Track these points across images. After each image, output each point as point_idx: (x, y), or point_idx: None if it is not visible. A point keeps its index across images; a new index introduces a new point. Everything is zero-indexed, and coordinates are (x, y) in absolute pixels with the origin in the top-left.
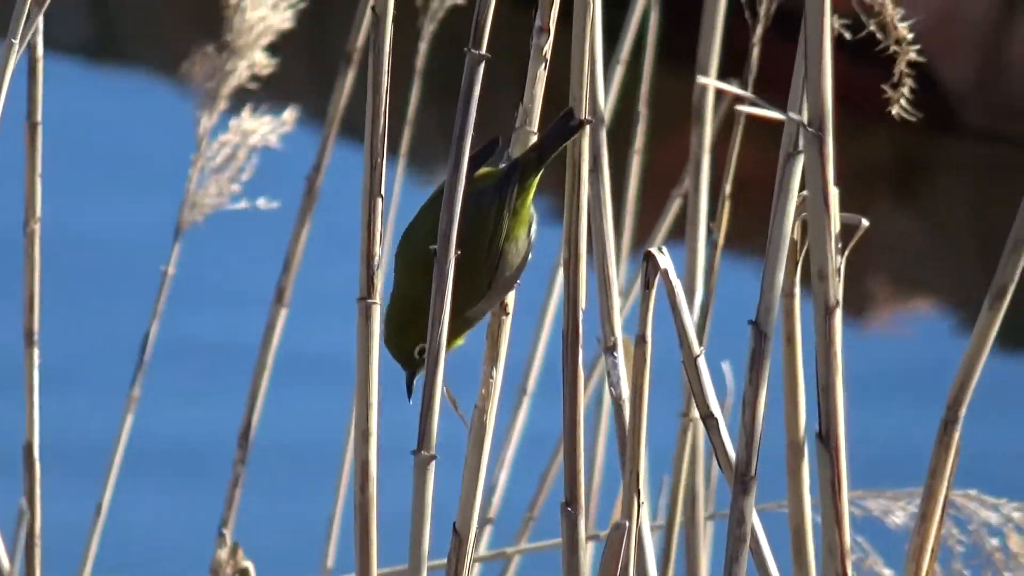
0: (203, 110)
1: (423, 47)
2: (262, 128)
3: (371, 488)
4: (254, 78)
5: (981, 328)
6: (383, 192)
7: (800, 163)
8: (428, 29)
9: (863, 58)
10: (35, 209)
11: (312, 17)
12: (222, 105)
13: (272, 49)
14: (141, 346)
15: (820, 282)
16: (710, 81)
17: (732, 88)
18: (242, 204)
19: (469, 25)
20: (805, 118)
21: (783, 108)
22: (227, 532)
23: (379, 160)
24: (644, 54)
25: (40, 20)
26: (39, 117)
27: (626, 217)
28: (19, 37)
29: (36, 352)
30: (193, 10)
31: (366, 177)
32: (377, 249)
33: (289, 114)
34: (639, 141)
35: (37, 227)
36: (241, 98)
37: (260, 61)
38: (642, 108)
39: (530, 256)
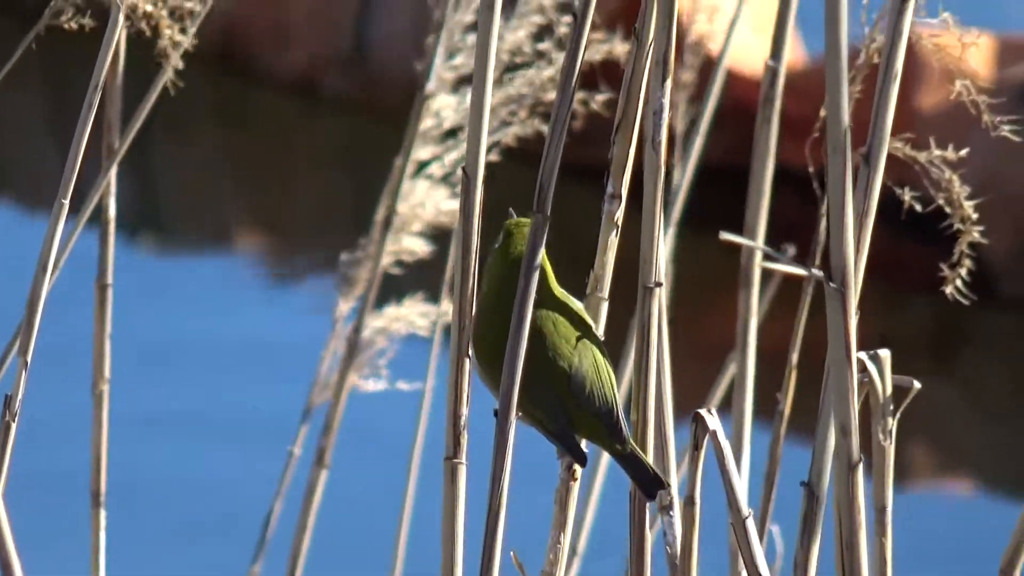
0: (341, 294)
1: None
2: (412, 315)
3: None
4: (399, 264)
5: None
6: (471, 353)
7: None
8: None
9: (904, 229)
10: (103, 371)
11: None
12: (360, 289)
13: (435, 237)
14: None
15: (843, 438)
16: (740, 239)
17: (748, 242)
18: (381, 385)
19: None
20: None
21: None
22: None
23: (467, 322)
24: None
25: (112, 181)
26: (109, 279)
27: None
28: (68, 198)
29: (103, 513)
30: (235, 184)
31: (454, 338)
32: (464, 409)
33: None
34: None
35: (106, 388)
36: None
37: (409, 248)
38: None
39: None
